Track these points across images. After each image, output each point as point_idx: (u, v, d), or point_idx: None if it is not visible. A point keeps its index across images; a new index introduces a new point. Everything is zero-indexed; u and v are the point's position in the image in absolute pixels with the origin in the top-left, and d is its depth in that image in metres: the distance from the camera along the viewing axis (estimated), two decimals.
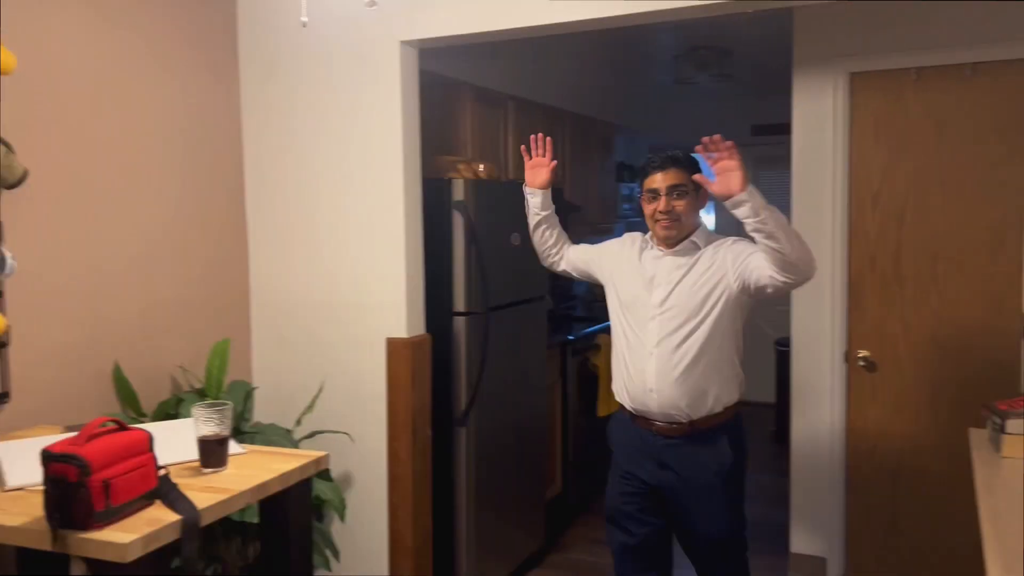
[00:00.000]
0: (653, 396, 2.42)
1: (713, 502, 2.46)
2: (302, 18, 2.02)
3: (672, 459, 2.45)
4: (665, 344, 2.40)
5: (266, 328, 3.33)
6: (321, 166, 3.18)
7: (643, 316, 2.45)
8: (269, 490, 1.96)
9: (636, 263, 2.54)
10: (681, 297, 2.41)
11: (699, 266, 2.42)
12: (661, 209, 2.42)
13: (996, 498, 1.70)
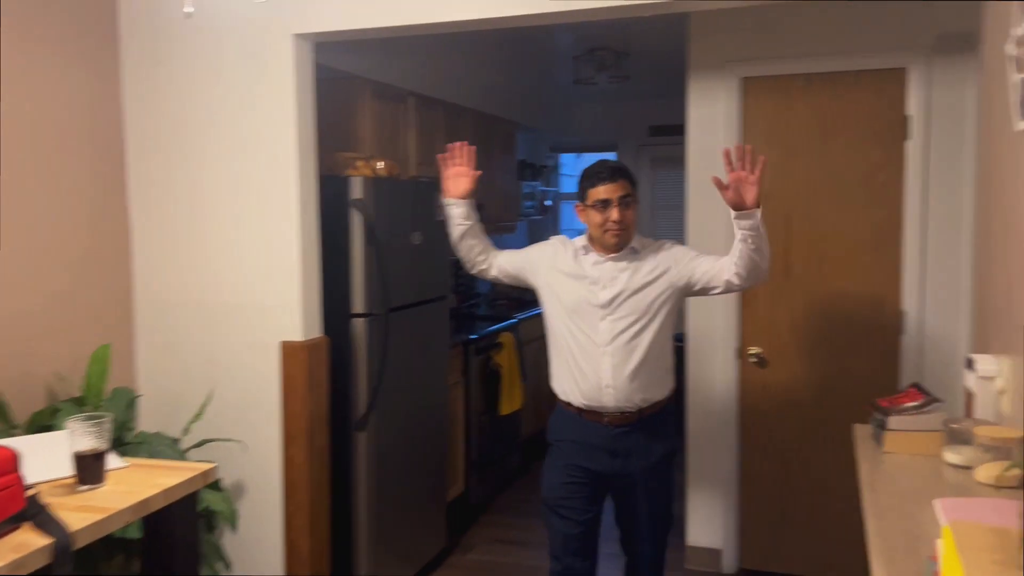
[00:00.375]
0: (609, 391, 2.54)
1: (661, 483, 2.67)
2: (186, 8, 1.91)
3: (624, 447, 2.59)
4: (618, 342, 2.53)
5: (151, 332, 3.17)
6: (210, 162, 3.04)
7: (592, 317, 2.56)
8: (151, 507, 1.86)
9: (575, 268, 2.63)
10: (629, 298, 2.55)
11: (643, 268, 2.57)
12: (614, 219, 2.52)
13: (878, 494, 1.76)
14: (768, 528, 3.73)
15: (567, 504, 2.66)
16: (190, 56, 3.02)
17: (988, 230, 2.24)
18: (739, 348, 3.69)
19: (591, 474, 2.63)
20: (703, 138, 3.66)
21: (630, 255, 2.59)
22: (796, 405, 3.63)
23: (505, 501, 4.74)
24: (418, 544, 3.67)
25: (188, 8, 1.93)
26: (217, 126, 3.02)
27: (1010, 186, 1.96)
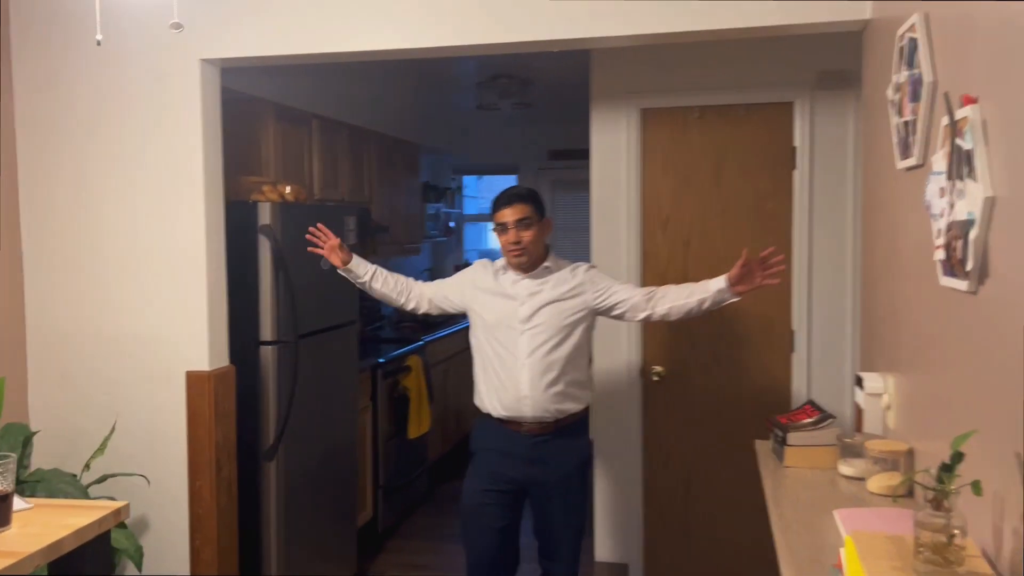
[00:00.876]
0: (527, 402, 2.72)
1: (574, 490, 2.83)
2: (97, 36, 1.87)
3: (541, 454, 2.76)
4: (536, 355, 2.72)
5: (44, 364, 3.04)
6: (111, 187, 2.96)
7: (512, 332, 2.74)
8: (63, 549, 1.79)
9: (495, 286, 2.83)
10: (546, 315, 2.75)
11: (559, 287, 2.78)
12: (511, 241, 2.73)
13: (783, 508, 1.88)
14: (672, 542, 3.86)
15: (485, 511, 2.81)
16: (90, 78, 2.93)
17: (872, 258, 2.42)
18: (642, 367, 3.82)
19: (510, 481, 2.79)
20: (605, 165, 3.79)
21: (544, 273, 2.79)
22: (696, 421, 3.78)
23: (413, 526, 4.73)
24: (328, 572, 3.62)
25: (99, 36, 1.88)
26: (118, 150, 2.94)
27: (892, 218, 2.14)
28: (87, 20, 2.85)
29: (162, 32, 2.75)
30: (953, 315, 1.59)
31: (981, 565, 1.32)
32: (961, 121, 1.48)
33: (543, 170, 7.26)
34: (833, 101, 3.53)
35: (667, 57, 3.67)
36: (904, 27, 1.90)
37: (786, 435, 2.19)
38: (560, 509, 2.81)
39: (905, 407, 2.02)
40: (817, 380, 3.60)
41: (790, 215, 3.62)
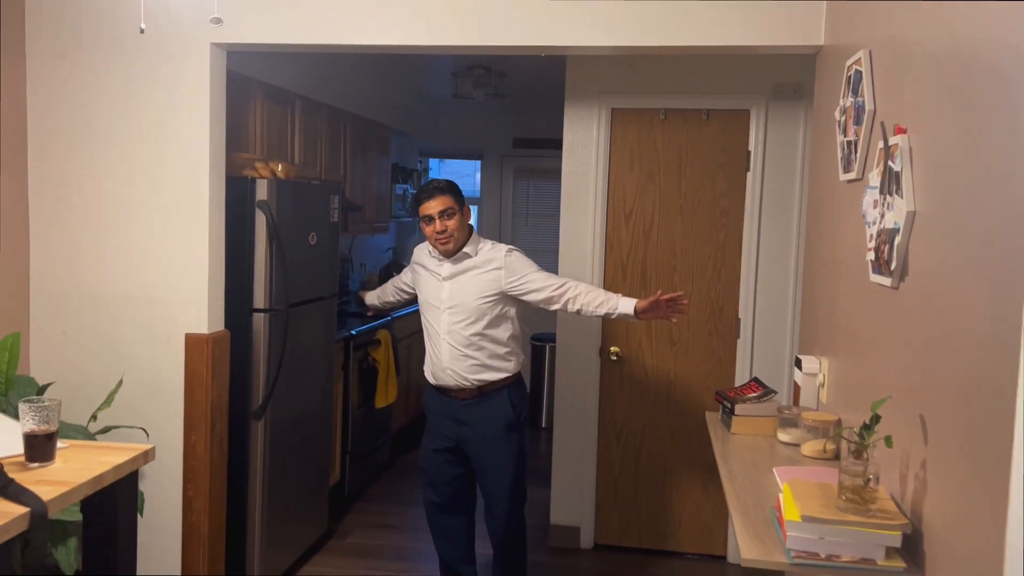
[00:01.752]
0: (448, 372, 3.11)
1: (500, 449, 3.14)
2: (140, 24, 2.08)
3: (467, 416, 3.13)
4: (453, 332, 3.08)
5: (47, 322, 3.21)
6: (118, 159, 3.13)
7: (436, 311, 3.13)
8: (104, 482, 2.01)
9: (427, 269, 3.20)
10: (462, 296, 3.09)
11: (475, 270, 3.11)
12: (438, 230, 3.05)
13: (730, 465, 2.20)
14: (620, 508, 4.20)
15: (432, 467, 3.25)
16: (101, 53, 3.10)
17: (813, 256, 2.76)
18: (601, 347, 4.14)
19: (447, 439, 3.19)
20: (576, 159, 4.09)
21: (463, 258, 3.12)
22: (647, 398, 4.13)
23: (377, 490, 4.99)
24: (303, 528, 3.88)
25: (142, 24, 2.08)
26: (127, 124, 3.11)
27: (832, 222, 2.47)
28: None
29: (174, 16, 2.96)
30: (878, 306, 1.92)
31: (889, 504, 1.65)
32: (893, 146, 1.80)
33: (507, 157, 7.52)
34: (786, 111, 3.87)
35: (638, 62, 3.97)
36: (852, 59, 2.23)
37: (734, 407, 2.51)
38: (490, 465, 3.15)
39: (836, 384, 2.36)
40: (759, 362, 3.96)
41: (742, 213, 3.97)
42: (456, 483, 3.27)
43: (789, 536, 1.61)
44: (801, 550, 1.60)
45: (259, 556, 3.45)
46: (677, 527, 4.15)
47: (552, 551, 4.19)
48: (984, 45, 1.43)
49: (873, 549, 1.57)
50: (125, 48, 3.08)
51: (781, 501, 1.76)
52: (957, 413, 1.44)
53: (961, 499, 1.41)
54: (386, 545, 4.20)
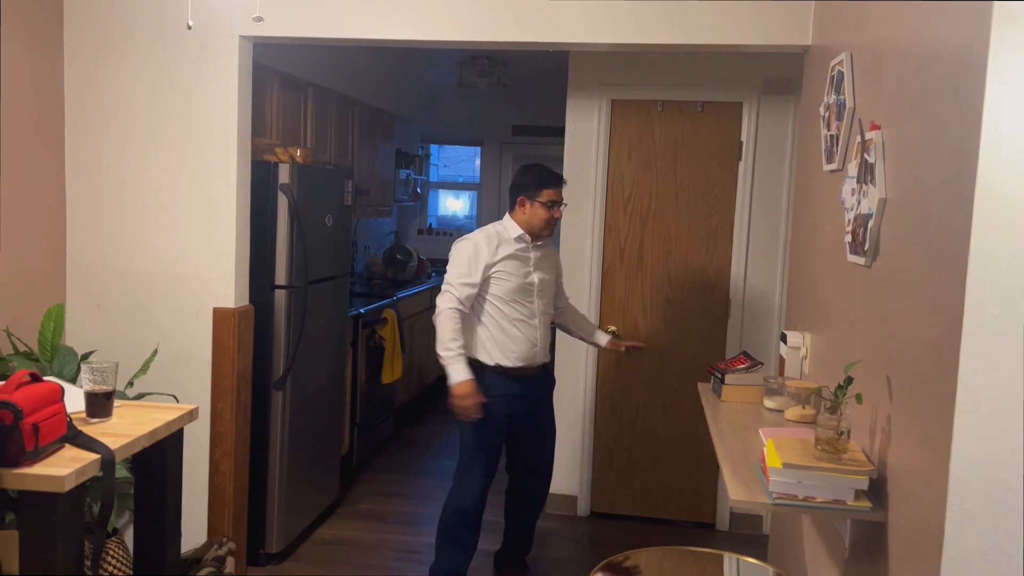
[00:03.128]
0: (541, 352, 3.39)
1: (551, 411, 3.63)
2: (188, 21, 2.28)
3: (539, 390, 3.47)
4: (546, 313, 3.41)
5: (81, 295, 3.42)
6: (151, 143, 3.34)
7: (531, 295, 3.33)
8: (158, 436, 2.24)
9: (516, 258, 3.29)
10: (547, 278, 3.41)
11: (551, 255, 3.47)
12: (558, 217, 3.32)
13: (720, 425, 2.44)
14: (615, 478, 4.45)
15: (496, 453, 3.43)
16: (136, 43, 3.30)
17: (799, 239, 2.99)
18: (599, 326, 4.37)
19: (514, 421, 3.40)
20: (577, 148, 4.31)
21: (547, 244, 3.41)
22: (642, 375, 4.37)
23: (382, 461, 5.23)
24: (317, 494, 4.11)
25: (189, 21, 2.28)
26: (159, 110, 3.32)
27: (817, 209, 2.70)
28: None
29: (206, 11, 3.16)
30: (854, 284, 2.16)
31: (859, 455, 1.89)
32: (868, 141, 2.03)
33: (506, 144, 7.73)
34: (776, 104, 4.10)
35: (637, 57, 4.19)
36: (836, 60, 2.45)
37: (724, 377, 2.75)
38: (548, 428, 3.59)
39: (816, 356, 2.60)
40: (747, 340, 4.20)
41: (734, 200, 4.20)
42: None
43: (772, 480, 1.85)
44: (782, 492, 1.84)
45: (278, 518, 3.68)
46: (668, 496, 4.40)
47: (550, 518, 4.44)
48: (940, 46, 1.66)
49: (844, 492, 1.81)
50: (159, 39, 3.28)
51: (765, 453, 2.00)
52: (916, 373, 1.68)
53: (917, 446, 1.65)
54: (393, 511, 4.44)
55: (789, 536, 2.87)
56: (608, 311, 4.37)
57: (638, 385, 4.38)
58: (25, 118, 3.16)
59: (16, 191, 3.13)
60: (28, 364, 2.89)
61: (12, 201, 3.11)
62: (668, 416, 4.36)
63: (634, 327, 4.35)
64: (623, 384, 4.39)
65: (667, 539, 4.19)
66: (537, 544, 4.11)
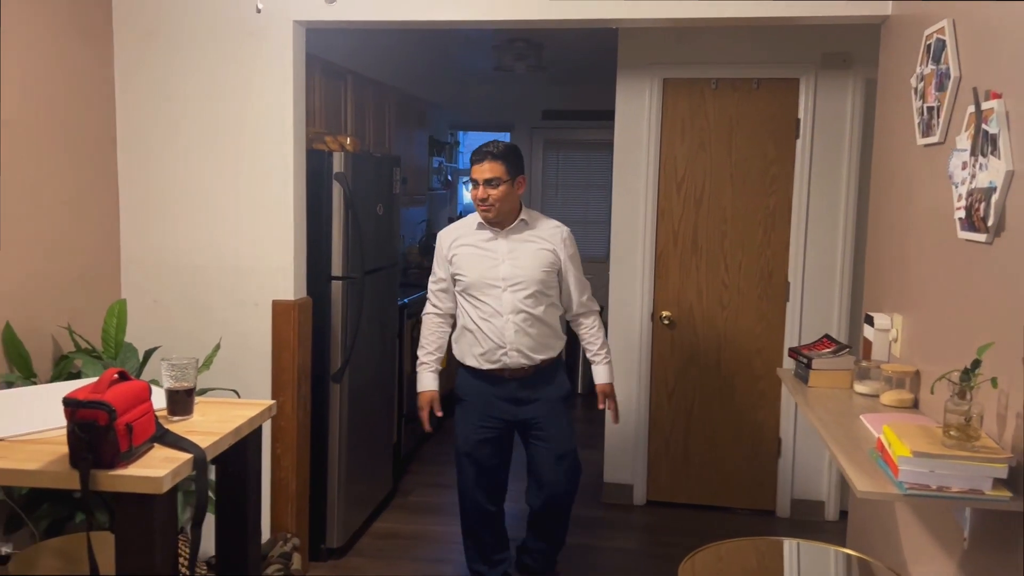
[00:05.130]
0: (512, 354, 2.99)
1: (563, 418, 3.14)
2: (258, 4, 2.19)
3: (528, 394, 3.06)
4: (519, 309, 2.96)
5: (137, 291, 3.35)
6: (206, 135, 3.26)
7: (495, 290, 2.96)
8: (241, 433, 2.17)
9: (476, 248, 3.01)
10: (526, 269, 2.97)
11: (536, 242, 3.00)
12: (479, 197, 2.92)
13: (818, 413, 2.35)
14: (671, 465, 4.37)
15: (481, 456, 3.17)
16: (187, 31, 3.21)
17: (882, 219, 2.88)
18: (653, 312, 4.28)
19: (499, 423, 3.13)
20: (628, 129, 4.20)
21: (522, 227, 3.01)
22: (699, 360, 4.28)
23: (428, 451, 5.17)
24: (373, 487, 4.05)
25: (259, 4, 2.19)
26: (213, 100, 3.23)
27: (907, 186, 2.60)
28: None
29: None
30: (968, 261, 2.06)
31: (989, 442, 1.80)
32: (987, 111, 1.93)
33: (536, 129, 7.62)
34: (835, 79, 3.99)
35: (688, 32, 4.08)
36: (932, 28, 2.34)
37: (811, 361, 2.66)
38: (556, 436, 3.11)
39: (911, 338, 2.51)
40: (808, 324, 4.11)
41: (791, 179, 4.09)
42: (502, 470, 3.22)
43: (901, 470, 1.76)
44: (913, 482, 1.75)
45: (339, 513, 3.61)
46: (727, 483, 4.32)
47: (605, 507, 4.37)
48: None
49: (981, 480, 1.72)
50: (210, 27, 3.19)
51: (884, 441, 1.91)
52: None
53: None
54: (445, 502, 4.37)
55: (877, 524, 2.78)
56: (662, 296, 4.27)
57: (694, 370, 4.29)
58: (77, 113, 3.09)
59: (70, 187, 3.06)
60: (92, 361, 2.83)
61: (67, 198, 3.04)
62: (725, 401, 4.27)
63: (689, 312, 4.26)
64: (679, 370, 4.30)
65: (726, 527, 4.12)
66: (593, 534, 4.06)
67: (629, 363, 4.31)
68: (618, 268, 4.28)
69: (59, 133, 3.00)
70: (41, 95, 2.89)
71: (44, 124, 2.92)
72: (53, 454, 1.85)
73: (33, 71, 2.85)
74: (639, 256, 4.24)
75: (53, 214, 2.97)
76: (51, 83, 2.94)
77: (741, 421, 4.27)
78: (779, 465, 4.23)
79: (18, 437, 1.96)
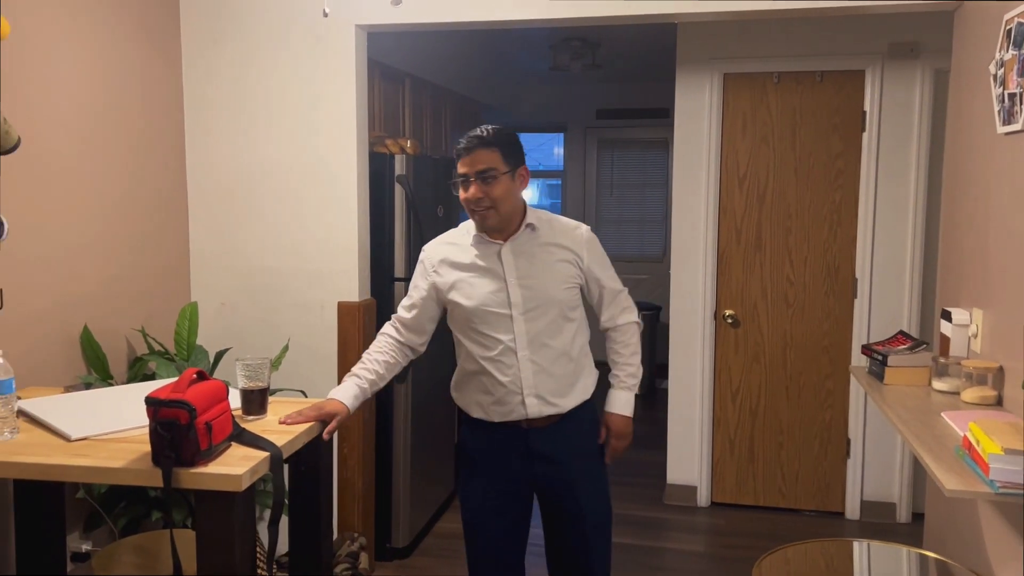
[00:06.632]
0: (531, 400, 2.24)
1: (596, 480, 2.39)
2: (325, 8, 2.22)
3: (545, 447, 2.29)
4: (538, 343, 2.23)
5: (206, 294, 3.42)
6: (272, 140, 3.31)
7: (505, 320, 2.22)
8: (314, 432, 2.19)
9: (472, 269, 2.27)
10: (542, 289, 2.23)
11: (549, 248, 2.27)
12: (472, 197, 2.18)
13: (897, 410, 2.29)
14: (736, 466, 4.30)
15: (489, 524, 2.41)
16: (252, 36, 3.27)
17: (957, 212, 2.80)
18: (716, 310, 4.22)
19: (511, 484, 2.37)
20: (688, 125, 4.15)
21: (529, 234, 2.26)
22: (763, 359, 4.20)
23: None
24: (436, 487, 4.06)
25: (326, 8, 2.22)
26: (279, 105, 3.29)
27: (985, 176, 2.52)
28: None
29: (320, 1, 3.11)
30: None
31: None
32: None
33: (590, 129, 7.58)
34: (902, 70, 3.88)
35: (750, 26, 4.01)
36: (1013, 12, 2.26)
37: (886, 358, 2.59)
38: (587, 504, 2.33)
39: (994, 334, 2.42)
40: (877, 322, 4.00)
41: (858, 173, 4.00)
42: (520, 536, 2.42)
43: (992, 468, 1.70)
44: (1006, 480, 1.69)
45: (404, 512, 3.64)
46: (793, 484, 4.23)
47: (669, 509, 4.32)
48: None
49: None
50: (275, 32, 3.25)
51: (971, 439, 1.84)
52: None
53: None
54: None
55: (957, 525, 2.70)
56: (725, 294, 4.21)
57: (759, 369, 4.22)
58: (147, 118, 3.16)
59: (144, 193, 3.13)
60: (165, 363, 2.89)
61: (142, 203, 3.11)
62: (792, 401, 4.19)
63: (753, 310, 4.19)
64: (743, 369, 4.23)
65: (794, 529, 4.04)
66: (657, 535, 4.02)
67: (691, 363, 4.26)
68: (679, 267, 4.23)
69: (133, 139, 3.07)
70: (114, 102, 2.97)
71: (119, 130, 3.00)
72: (135, 452, 1.89)
73: (105, 80, 2.93)
74: (700, 254, 4.19)
75: (129, 219, 3.05)
76: (123, 91, 3.01)
77: (808, 421, 4.19)
78: (848, 465, 4.14)
79: (100, 436, 2.01)
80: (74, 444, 1.97)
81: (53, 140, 2.68)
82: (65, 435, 2.01)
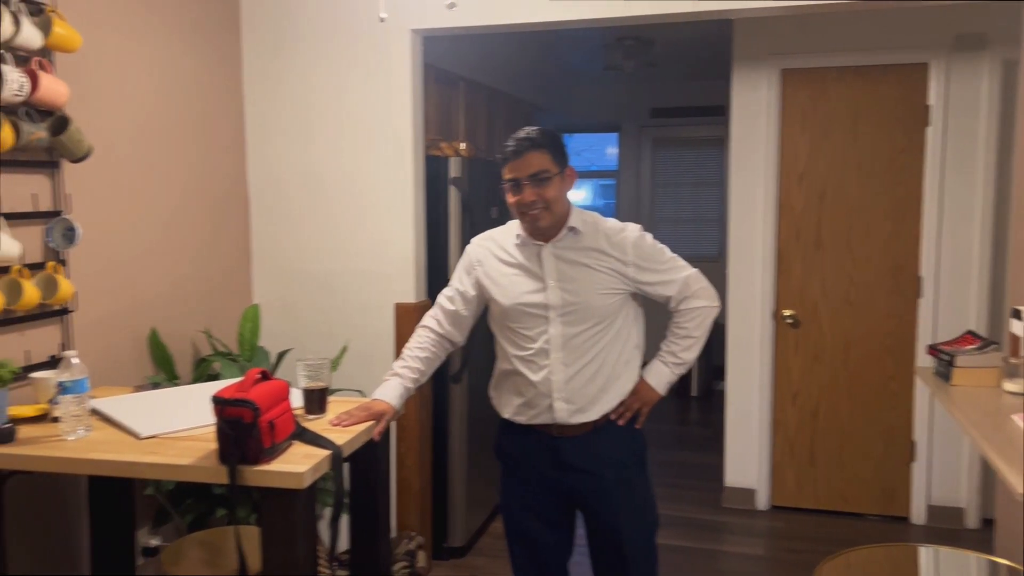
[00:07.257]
0: (560, 405, 2.22)
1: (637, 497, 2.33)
2: (381, 14, 2.25)
3: (577, 458, 2.25)
4: (572, 346, 2.19)
5: (267, 296, 3.49)
6: (331, 145, 3.38)
7: (541, 321, 2.20)
8: (372, 432, 2.22)
9: (512, 266, 2.26)
10: (581, 291, 2.19)
11: (591, 253, 2.21)
12: (524, 201, 2.14)
13: (965, 411, 2.23)
14: (798, 469, 4.22)
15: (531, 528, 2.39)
16: (310, 43, 3.34)
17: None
18: (775, 310, 4.16)
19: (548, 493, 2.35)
20: (745, 122, 4.10)
21: (572, 237, 2.22)
22: (823, 359, 4.12)
23: None
24: (491, 488, 4.07)
25: (383, 14, 2.25)
26: (337, 111, 3.35)
27: None
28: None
29: (376, 6, 3.14)
30: None
31: None
32: None
33: (644, 128, 7.52)
34: (968, 62, 3.77)
35: (808, 20, 3.94)
36: None
37: (954, 359, 2.52)
38: (627, 524, 2.29)
39: None
40: (943, 322, 3.89)
41: (922, 169, 3.90)
42: (560, 541, 2.39)
43: None
44: None
45: (460, 512, 3.66)
46: (856, 488, 4.14)
47: (727, 512, 4.26)
48: None
49: None
50: (332, 39, 3.31)
51: None
52: None
53: None
54: None
55: None
56: (785, 294, 4.14)
57: (820, 370, 4.14)
58: (208, 127, 3.25)
59: (207, 199, 3.22)
60: (229, 364, 2.96)
61: (204, 209, 3.20)
62: (854, 402, 4.10)
63: (813, 310, 4.11)
64: (803, 370, 4.16)
65: (857, 534, 3.95)
66: (716, 539, 3.97)
67: (749, 363, 4.20)
68: (736, 266, 4.18)
69: (196, 147, 3.16)
70: (178, 112, 3.06)
71: (183, 138, 3.09)
72: (201, 450, 1.95)
73: (169, 90, 3.01)
74: (758, 253, 4.13)
75: (192, 225, 3.14)
76: (187, 101, 3.10)
77: (871, 423, 4.09)
78: (913, 469, 4.03)
79: (168, 434, 2.07)
80: (144, 442, 2.04)
81: (121, 149, 2.77)
82: (135, 433, 2.07)
